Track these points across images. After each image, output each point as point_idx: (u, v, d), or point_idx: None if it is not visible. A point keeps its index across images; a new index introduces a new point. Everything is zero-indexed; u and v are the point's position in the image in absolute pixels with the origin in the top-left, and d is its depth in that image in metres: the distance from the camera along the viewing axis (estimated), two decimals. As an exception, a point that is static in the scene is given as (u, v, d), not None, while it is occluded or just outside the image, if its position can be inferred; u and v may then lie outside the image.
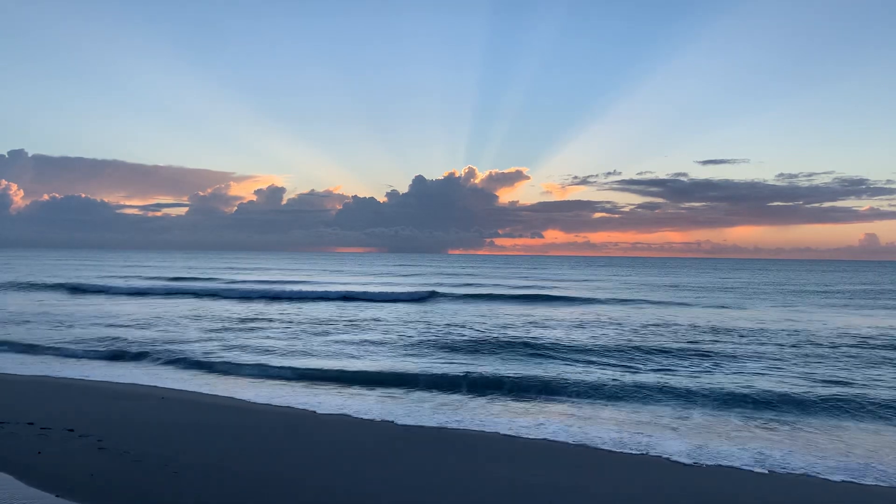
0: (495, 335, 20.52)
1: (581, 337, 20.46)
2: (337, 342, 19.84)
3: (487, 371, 14.71)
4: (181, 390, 12.88)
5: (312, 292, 38.40)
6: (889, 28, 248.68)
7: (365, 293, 37.66)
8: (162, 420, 10.10)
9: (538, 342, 18.99)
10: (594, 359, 16.69)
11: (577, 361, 16.33)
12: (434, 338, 20.16)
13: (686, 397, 12.55)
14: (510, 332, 21.26)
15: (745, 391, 12.87)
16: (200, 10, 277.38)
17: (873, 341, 20.28)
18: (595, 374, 14.55)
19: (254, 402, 11.89)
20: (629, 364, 16.03)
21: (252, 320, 25.67)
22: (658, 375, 14.48)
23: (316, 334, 21.57)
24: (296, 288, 41.79)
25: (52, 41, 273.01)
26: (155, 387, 13.13)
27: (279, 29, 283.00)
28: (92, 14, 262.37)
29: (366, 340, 19.85)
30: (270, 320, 25.57)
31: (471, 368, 15.05)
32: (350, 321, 25.59)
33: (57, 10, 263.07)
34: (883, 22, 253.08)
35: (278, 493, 7.01)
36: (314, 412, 11.16)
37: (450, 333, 21.20)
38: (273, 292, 38.47)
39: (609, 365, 15.87)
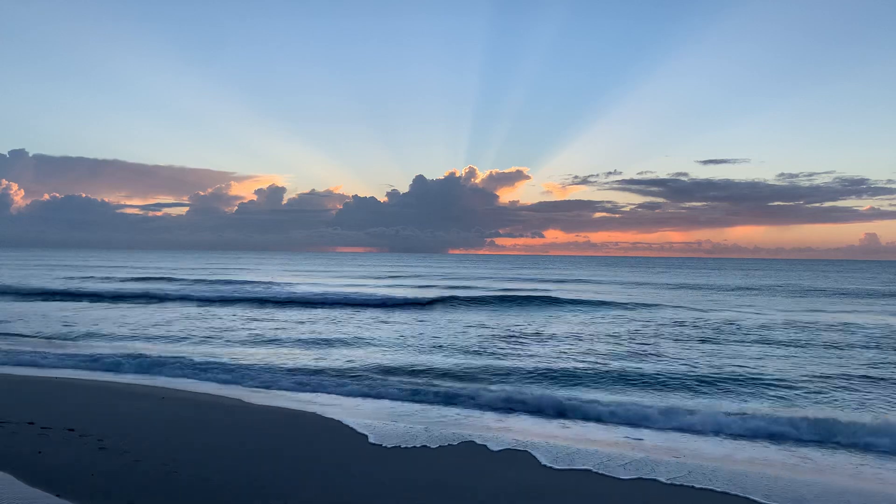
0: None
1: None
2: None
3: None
4: (182, 390, 12.87)
5: (305, 294, 36.36)
6: (889, 28, 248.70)
7: (371, 297, 35.14)
8: (162, 420, 10.07)
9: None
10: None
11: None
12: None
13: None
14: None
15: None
16: (200, 10, 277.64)
17: None
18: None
19: (255, 403, 11.86)
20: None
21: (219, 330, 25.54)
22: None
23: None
24: (293, 290, 39.85)
25: (52, 41, 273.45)
26: (155, 387, 13.12)
27: (279, 29, 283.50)
28: (92, 14, 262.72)
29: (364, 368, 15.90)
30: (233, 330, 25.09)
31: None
32: (353, 332, 25.51)
33: (57, 10, 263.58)
34: (883, 22, 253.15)
35: (279, 493, 6.99)
36: (315, 413, 11.13)
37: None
38: (252, 295, 36.17)
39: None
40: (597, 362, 16.36)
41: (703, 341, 20.29)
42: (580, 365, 15.96)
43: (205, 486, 7.09)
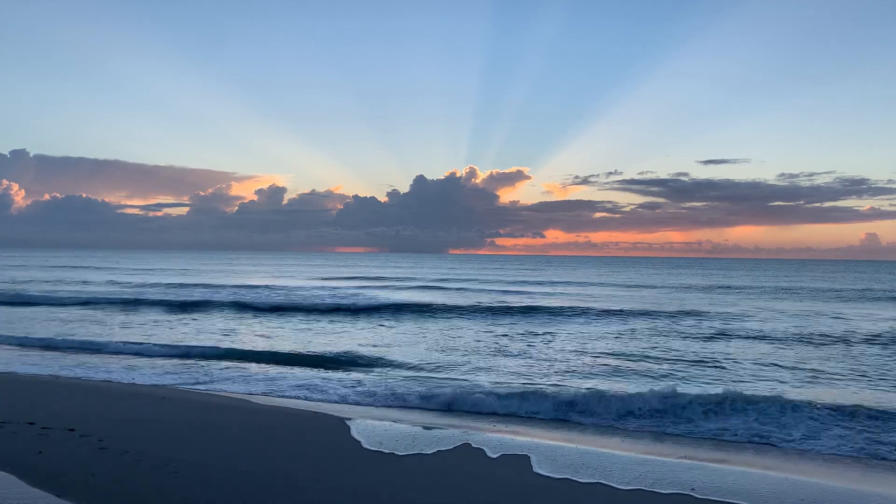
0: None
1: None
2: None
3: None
4: (182, 390, 12.88)
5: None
6: (889, 28, 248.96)
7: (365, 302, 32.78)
8: (162, 420, 10.08)
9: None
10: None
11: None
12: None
13: None
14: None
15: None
16: (200, 10, 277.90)
17: None
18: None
19: (256, 402, 11.87)
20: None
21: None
22: None
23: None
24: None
25: (52, 41, 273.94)
26: (155, 386, 13.14)
27: (279, 29, 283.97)
28: (92, 14, 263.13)
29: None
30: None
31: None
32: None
33: (57, 10, 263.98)
34: (883, 22, 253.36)
35: (279, 493, 7.00)
36: (315, 412, 11.14)
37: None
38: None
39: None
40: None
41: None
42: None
43: (205, 487, 7.10)
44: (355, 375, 14.75)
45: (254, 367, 15.73)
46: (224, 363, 16.27)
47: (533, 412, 11.62)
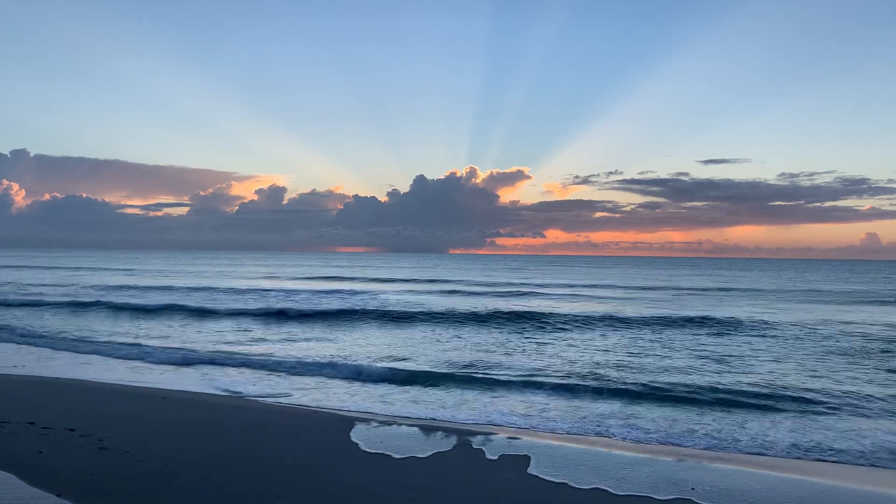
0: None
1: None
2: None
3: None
4: (182, 390, 12.87)
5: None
6: (889, 28, 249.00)
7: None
8: (163, 420, 10.08)
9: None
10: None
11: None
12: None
13: None
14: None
15: None
16: (200, 10, 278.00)
17: None
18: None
19: (256, 401, 11.87)
20: None
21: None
22: None
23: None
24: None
25: (52, 41, 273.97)
26: (156, 387, 13.13)
27: (279, 29, 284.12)
28: (92, 14, 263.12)
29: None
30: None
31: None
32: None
33: (57, 10, 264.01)
34: (883, 22, 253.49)
35: (279, 492, 7.00)
36: (316, 411, 11.14)
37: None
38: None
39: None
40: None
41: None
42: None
43: (205, 487, 7.10)
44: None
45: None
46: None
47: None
